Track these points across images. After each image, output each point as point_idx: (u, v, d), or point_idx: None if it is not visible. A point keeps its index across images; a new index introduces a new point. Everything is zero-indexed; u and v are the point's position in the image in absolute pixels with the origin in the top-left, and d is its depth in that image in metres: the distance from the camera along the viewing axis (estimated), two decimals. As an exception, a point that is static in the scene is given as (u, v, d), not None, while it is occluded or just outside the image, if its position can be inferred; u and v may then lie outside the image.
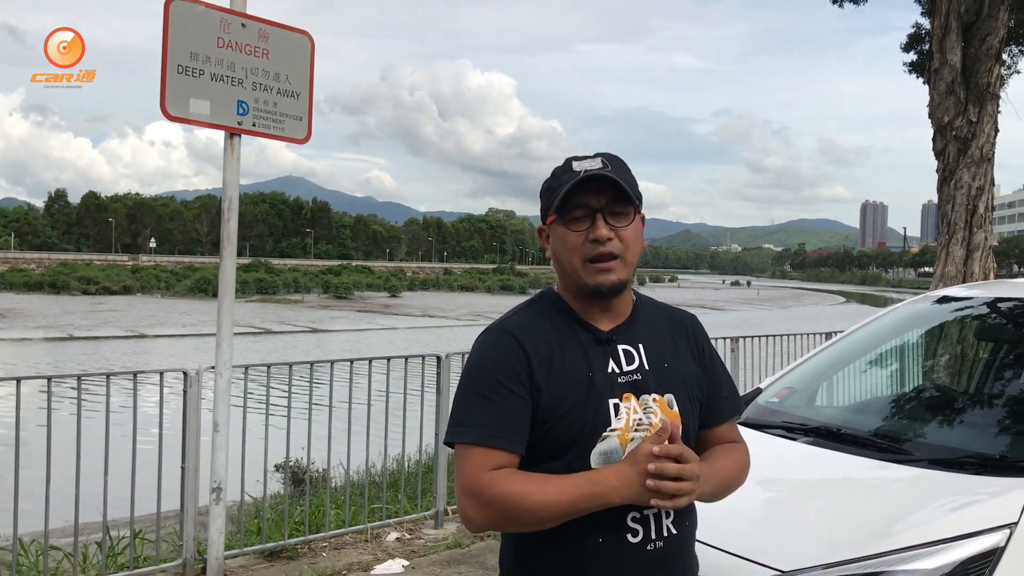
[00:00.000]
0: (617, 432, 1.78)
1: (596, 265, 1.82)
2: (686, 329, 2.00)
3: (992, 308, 4.12)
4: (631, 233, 1.86)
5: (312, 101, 5.37)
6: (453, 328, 53.49)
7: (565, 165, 1.90)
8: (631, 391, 1.83)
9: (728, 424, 2.02)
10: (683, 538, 1.86)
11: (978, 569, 2.26)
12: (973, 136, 8.46)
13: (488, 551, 5.72)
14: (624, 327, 1.90)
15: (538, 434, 1.79)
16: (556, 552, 1.79)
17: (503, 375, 1.81)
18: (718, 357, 2.05)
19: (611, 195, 1.84)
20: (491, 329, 1.92)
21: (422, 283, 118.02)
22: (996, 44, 8.50)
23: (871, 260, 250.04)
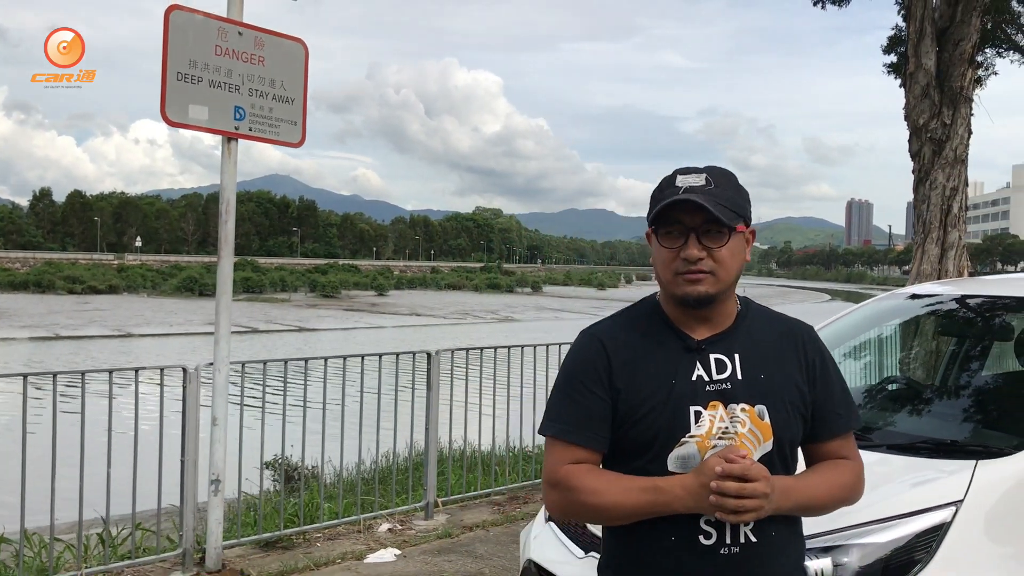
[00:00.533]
0: (696, 438, 1.81)
1: (685, 276, 1.85)
2: (797, 341, 1.97)
3: (959, 304, 4.35)
4: (726, 253, 1.86)
5: (306, 106, 5.56)
6: (441, 327, 53.64)
7: (671, 177, 1.92)
8: (719, 399, 1.84)
9: (839, 440, 1.97)
10: (766, 547, 1.84)
11: (927, 541, 2.48)
12: (947, 138, 8.71)
13: (477, 541, 5.93)
14: (720, 336, 1.91)
15: (618, 434, 1.88)
16: (633, 546, 1.88)
17: (585, 376, 1.90)
18: (835, 372, 2.01)
19: (706, 215, 1.84)
20: (583, 332, 2.01)
21: (409, 282, 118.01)
22: (969, 49, 8.76)
23: (856, 258, 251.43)
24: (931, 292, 4.56)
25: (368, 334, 46.77)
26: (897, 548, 2.47)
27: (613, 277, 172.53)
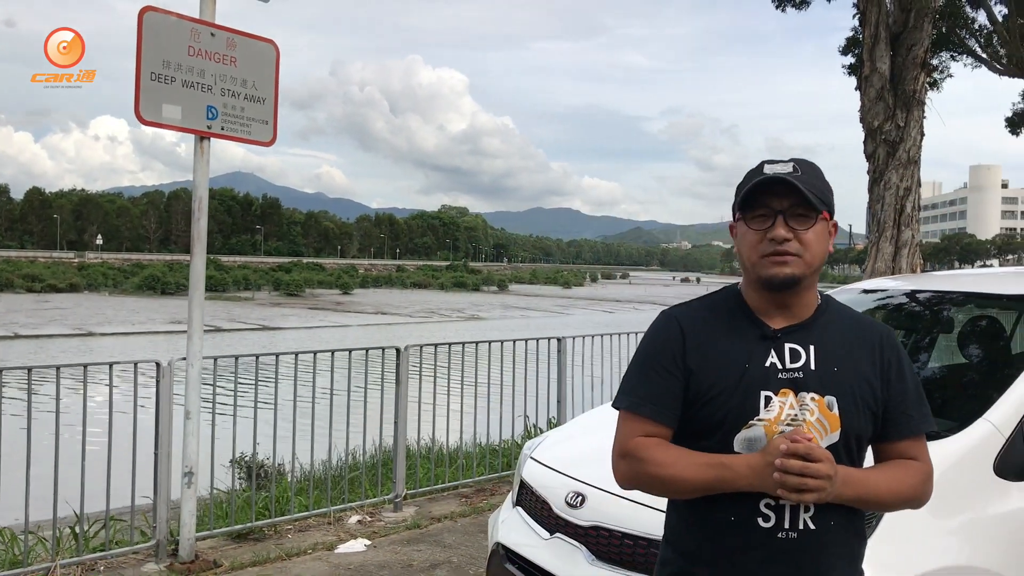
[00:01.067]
0: (764, 422, 1.85)
1: (772, 258, 1.89)
2: (874, 340, 2.00)
3: (909, 298, 4.57)
4: (812, 236, 1.90)
5: (277, 106, 5.66)
6: (407, 325, 53.58)
7: (758, 167, 1.97)
8: (790, 387, 1.88)
9: (909, 441, 1.99)
10: (824, 536, 1.87)
11: (870, 516, 2.66)
12: (901, 140, 8.99)
13: (445, 531, 6.07)
14: (798, 327, 1.95)
15: (689, 413, 1.93)
16: (695, 523, 1.94)
17: (660, 354, 1.97)
18: (911, 375, 2.02)
19: (794, 199, 1.89)
20: (663, 312, 2.08)
21: (374, 280, 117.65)
22: (921, 54, 9.04)
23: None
24: (882, 287, 4.78)
25: (333, 332, 46.61)
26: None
27: (579, 276, 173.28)
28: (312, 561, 5.41)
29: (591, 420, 4.23)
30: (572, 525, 3.15)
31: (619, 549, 2.97)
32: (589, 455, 3.60)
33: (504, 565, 3.42)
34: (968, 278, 5.22)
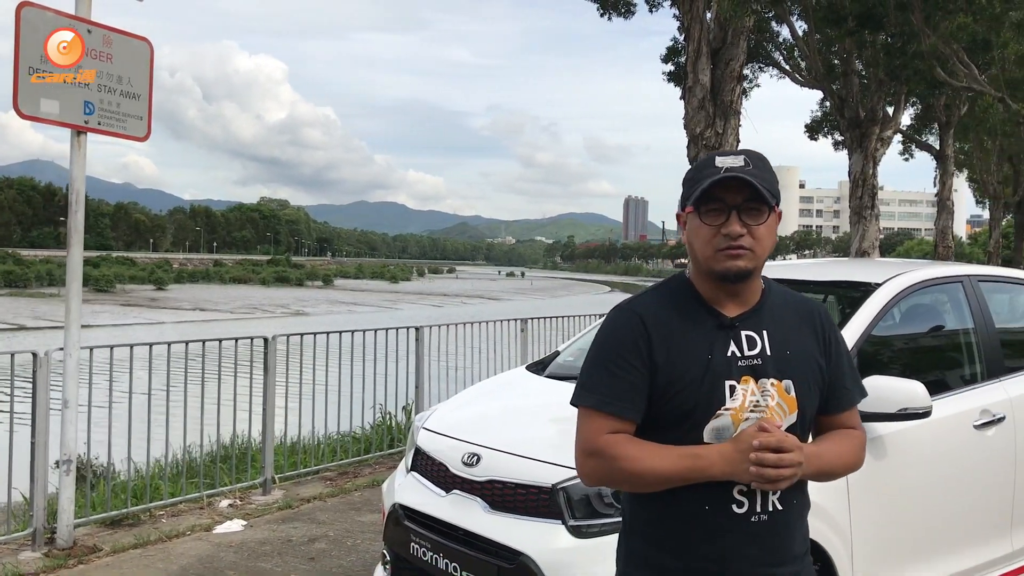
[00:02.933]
0: (731, 411, 1.90)
1: (726, 252, 1.92)
2: (814, 318, 2.07)
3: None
4: (764, 231, 1.94)
5: (152, 102, 5.81)
6: (226, 322, 52.15)
7: (708, 160, 1.99)
8: (750, 374, 1.94)
9: (848, 413, 2.09)
10: (789, 515, 1.96)
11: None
12: (720, 146, 9.99)
13: (317, 510, 6.40)
14: (750, 314, 1.99)
15: (656, 407, 1.95)
16: (666, 513, 1.96)
17: (625, 350, 1.97)
18: (844, 348, 2.10)
19: (747, 194, 1.91)
20: (620, 307, 2.08)
21: (191, 275, 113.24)
22: (737, 68, 10.09)
23: (634, 252, 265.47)
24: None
25: (149, 330, 44.81)
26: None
27: (406, 270, 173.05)
28: (193, 541, 5.62)
29: (473, 394, 4.72)
30: (469, 481, 3.63)
31: (512, 498, 3.47)
32: (479, 422, 4.11)
33: (403, 523, 3.86)
34: (782, 267, 6.09)
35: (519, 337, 9.32)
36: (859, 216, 17.03)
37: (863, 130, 16.63)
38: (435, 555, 3.63)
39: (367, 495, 6.82)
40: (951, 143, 21.15)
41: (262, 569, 5.16)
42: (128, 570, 5.09)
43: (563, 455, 3.46)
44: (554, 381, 4.38)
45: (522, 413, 4.24)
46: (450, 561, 3.55)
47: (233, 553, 5.41)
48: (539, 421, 4.09)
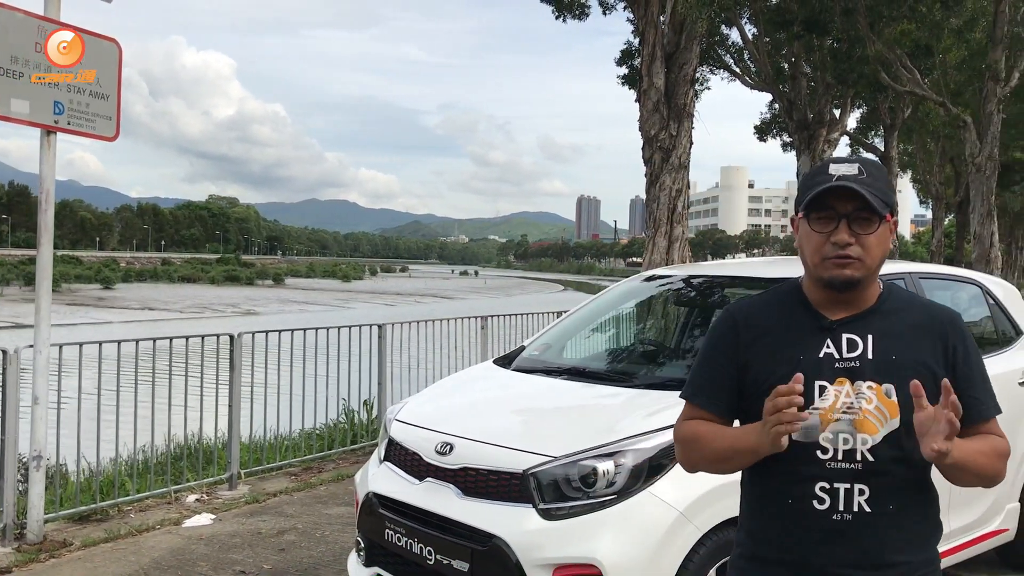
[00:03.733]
0: (820, 411, 1.90)
1: (834, 261, 1.92)
2: (938, 328, 2.01)
3: (686, 283, 5.56)
4: (874, 240, 1.93)
5: (120, 102, 5.88)
6: (176, 322, 51.53)
7: (823, 166, 1.99)
8: (847, 376, 1.92)
9: (981, 425, 1.97)
10: (880, 520, 1.90)
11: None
12: (673, 147, 10.28)
13: (284, 504, 6.52)
14: (856, 318, 1.98)
15: (747, 404, 2.01)
16: (759, 507, 2.04)
17: (716, 348, 2.09)
18: (976, 361, 2.01)
19: (858, 203, 1.90)
20: (725, 308, 2.18)
21: (139, 274, 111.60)
22: (691, 72, 10.37)
23: (586, 251, 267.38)
24: (665, 274, 5.75)
25: (97, 329, 44.11)
26: (656, 453, 3.48)
27: (358, 269, 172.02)
28: (163, 535, 5.71)
29: (443, 387, 4.90)
30: (442, 469, 3.80)
31: (485, 484, 3.65)
32: (451, 413, 4.28)
33: (378, 511, 4.01)
34: (732, 266, 6.36)
35: (479, 334, 9.49)
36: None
37: (811, 132, 17.11)
38: (410, 540, 3.80)
39: (332, 489, 6.95)
40: (895, 145, 21.78)
41: (233, 560, 5.27)
42: (100, 563, 5.17)
43: (533, 443, 3.67)
44: (520, 374, 4.57)
45: (492, 404, 4.43)
46: (425, 546, 3.72)
47: (204, 546, 5.51)
48: (508, 411, 4.28)
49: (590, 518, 3.41)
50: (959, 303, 5.31)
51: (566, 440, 3.62)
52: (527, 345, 5.08)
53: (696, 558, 3.41)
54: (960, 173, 27.56)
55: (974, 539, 4.70)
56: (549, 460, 3.53)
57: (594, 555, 3.32)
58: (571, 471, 3.50)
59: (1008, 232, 34.45)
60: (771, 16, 13.93)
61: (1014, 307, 5.44)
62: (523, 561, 3.39)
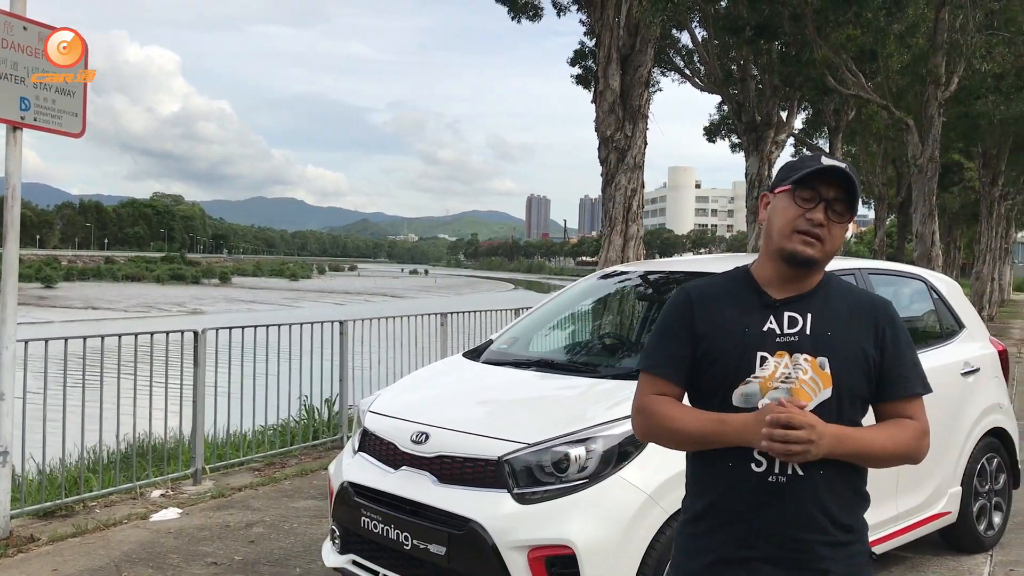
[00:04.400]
0: (760, 379, 2.06)
1: (803, 235, 2.10)
2: (870, 311, 2.20)
3: (643, 279, 5.75)
4: (839, 231, 2.13)
5: (86, 98, 5.89)
6: (121, 321, 50.67)
7: (815, 156, 2.20)
8: (786, 350, 2.09)
9: (904, 402, 2.16)
10: (812, 483, 2.05)
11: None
12: (629, 148, 10.48)
13: (250, 498, 6.58)
14: (798, 298, 2.16)
15: (698, 373, 2.17)
16: (703, 471, 2.19)
17: (673, 323, 2.23)
18: (907, 344, 2.20)
19: (840, 193, 2.11)
20: (680, 287, 2.33)
21: (81, 273, 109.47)
22: (645, 74, 10.60)
23: (536, 250, 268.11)
24: (623, 271, 5.93)
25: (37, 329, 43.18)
26: (624, 439, 3.65)
27: (305, 268, 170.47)
28: (131, 529, 5.75)
29: (415, 379, 5.03)
30: (418, 458, 3.92)
31: (460, 471, 3.78)
32: (425, 404, 4.42)
33: (353, 499, 4.13)
34: (685, 262, 6.58)
35: (439, 331, 9.61)
36: (755, 216, 17.87)
37: (759, 133, 17.49)
38: (386, 527, 3.92)
39: (297, 483, 7.02)
40: (840, 147, 22.32)
41: (204, 552, 5.33)
42: (69, 557, 5.20)
43: (506, 430, 3.82)
44: (490, 366, 4.72)
45: (465, 395, 4.57)
46: (401, 531, 3.85)
47: (173, 539, 5.56)
48: (481, 401, 4.43)
49: (563, 501, 3.57)
50: (906, 298, 5.58)
51: (539, 428, 3.77)
52: (495, 339, 5.22)
53: (663, 538, 3.59)
54: (902, 174, 28.35)
55: (920, 521, 4.96)
56: (523, 447, 3.68)
57: (568, 536, 3.48)
58: (544, 457, 3.65)
59: (947, 232, 35.48)
60: (722, 21, 14.24)
61: (957, 302, 5.73)
62: (499, 544, 3.54)
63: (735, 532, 2.11)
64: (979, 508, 5.42)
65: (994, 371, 5.66)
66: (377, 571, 4.03)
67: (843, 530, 2.10)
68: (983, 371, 5.48)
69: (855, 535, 2.14)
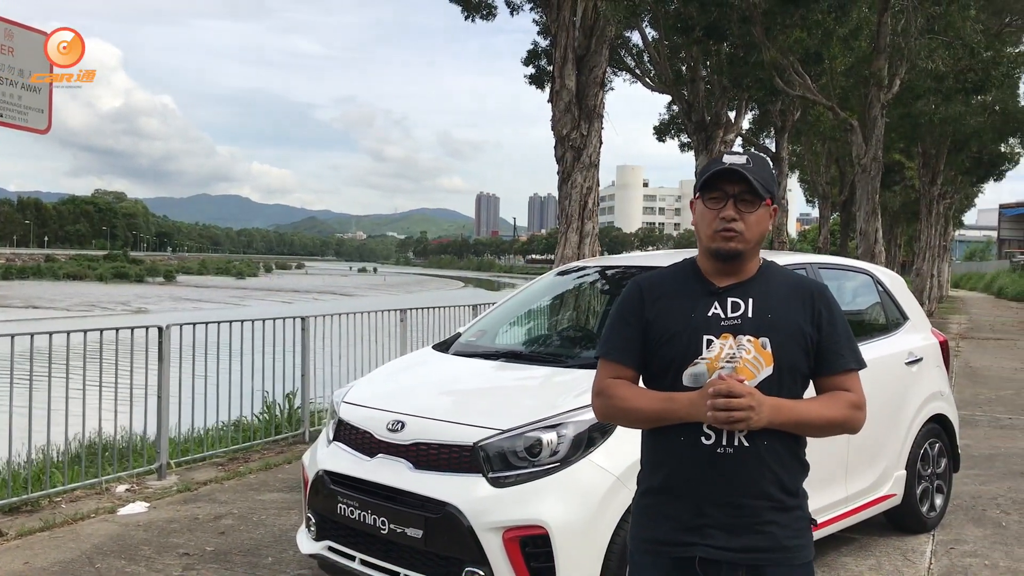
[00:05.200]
0: (707, 360, 2.24)
1: (721, 233, 2.30)
2: (807, 294, 2.38)
3: (601, 274, 5.93)
4: (754, 219, 2.31)
5: (52, 95, 5.90)
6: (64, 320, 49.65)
7: (718, 157, 2.38)
8: (731, 332, 2.27)
9: (842, 376, 2.36)
10: (757, 453, 2.24)
11: (611, 418, 3.85)
12: (584, 147, 10.69)
13: (216, 492, 6.64)
14: (739, 285, 2.35)
15: (649, 356, 2.36)
16: (657, 445, 2.36)
17: (626, 312, 2.42)
18: (841, 323, 2.39)
19: (744, 186, 2.29)
20: (630, 280, 2.52)
21: (20, 271, 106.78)
22: (600, 74, 10.81)
23: (486, 247, 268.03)
24: (584, 266, 6.11)
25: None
26: (593, 425, 3.82)
27: (252, 266, 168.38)
28: (100, 523, 5.79)
29: (388, 371, 5.15)
30: (394, 445, 4.06)
31: (436, 457, 3.92)
32: (399, 394, 4.55)
33: (330, 487, 4.24)
34: (639, 257, 6.79)
35: (399, 327, 9.71)
36: (704, 213, 18.24)
37: (708, 133, 17.85)
38: (363, 512, 4.05)
39: (262, 477, 7.09)
40: (786, 146, 22.84)
41: (175, 544, 5.40)
42: (40, 551, 5.23)
43: (481, 418, 3.98)
44: (461, 358, 4.87)
45: (438, 385, 4.71)
46: (378, 516, 3.98)
47: (143, 532, 5.62)
48: (454, 391, 4.58)
49: (536, 484, 3.74)
50: (853, 291, 5.86)
51: (512, 415, 3.93)
52: (463, 332, 5.38)
53: (630, 518, 3.77)
54: (845, 173, 29.03)
55: (868, 503, 5.23)
56: (497, 433, 3.84)
57: (541, 517, 3.65)
58: (517, 443, 3.82)
59: (888, 230, 36.40)
60: (673, 22, 14.53)
61: (901, 295, 6.02)
62: (475, 525, 3.70)
63: (689, 501, 2.29)
64: (922, 491, 5.71)
65: (936, 361, 5.96)
66: (354, 556, 4.16)
67: (788, 494, 2.30)
68: (926, 360, 5.77)
69: (798, 500, 2.34)
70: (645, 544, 2.39)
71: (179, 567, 5.03)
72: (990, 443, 8.46)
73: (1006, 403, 11.06)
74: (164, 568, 5.00)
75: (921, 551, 5.42)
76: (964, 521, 6.03)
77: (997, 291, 46.09)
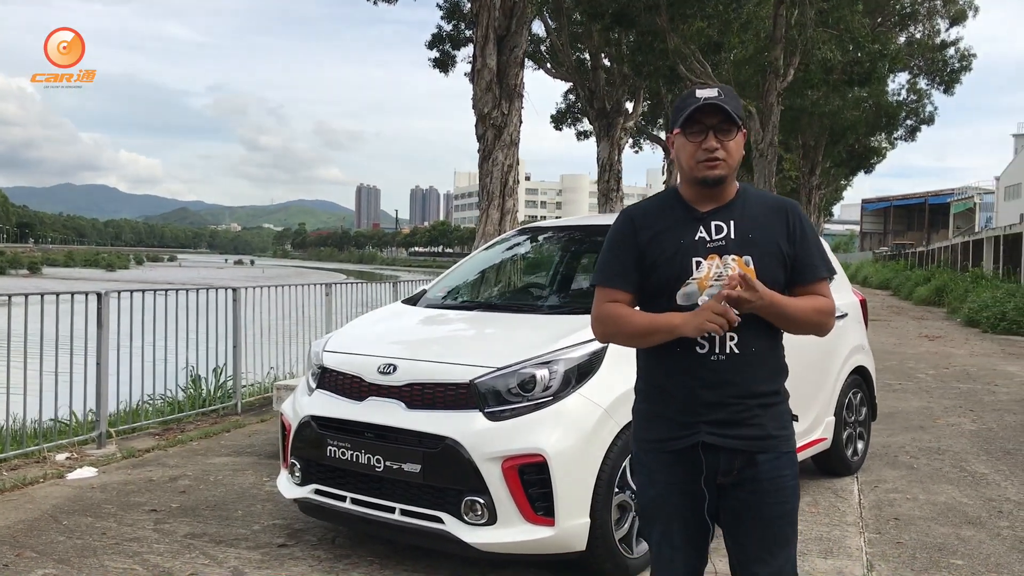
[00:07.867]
0: (697, 280, 2.43)
1: (705, 163, 2.48)
2: (783, 211, 2.59)
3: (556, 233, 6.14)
4: (733, 145, 2.49)
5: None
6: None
7: (691, 92, 2.54)
8: (716, 253, 2.46)
9: (815, 285, 2.57)
10: (745, 358, 2.48)
11: (598, 355, 4.11)
12: (505, 125, 10.93)
13: (163, 457, 6.59)
14: (720, 209, 2.54)
15: (644, 279, 2.54)
16: (654, 358, 2.57)
17: (619, 239, 2.61)
18: (813, 236, 2.60)
19: (721, 117, 2.46)
20: (622, 211, 2.69)
21: None
22: (521, 54, 11.07)
23: (368, 240, 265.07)
24: (541, 227, 6.31)
25: None
26: (582, 361, 4.08)
27: (123, 258, 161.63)
28: (50, 487, 5.69)
29: (366, 322, 5.26)
30: (387, 388, 4.19)
31: (432, 396, 4.09)
32: (384, 340, 4.70)
33: (317, 431, 4.35)
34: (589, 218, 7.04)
35: (324, 300, 9.74)
36: (606, 198, 18.79)
37: (609, 120, 18.39)
38: (355, 452, 4.18)
39: (206, 444, 7.06)
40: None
41: (138, 503, 5.37)
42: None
43: (474, 357, 4.18)
44: (437, 309, 5.05)
45: (422, 332, 4.87)
46: (372, 455, 4.12)
47: (100, 493, 5.56)
48: (441, 336, 4.77)
49: (532, 416, 3.96)
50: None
51: (505, 354, 4.14)
52: (429, 289, 5.54)
53: (616, 448, 4.05)
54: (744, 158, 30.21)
55: (804, 445, 5.63)
56: (493, 370, 4.04)
57: (538, 445, 3.88)
58: (511, 379, 4.03)
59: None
60: (585, 6, 14.93)
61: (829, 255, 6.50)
62: (474, 456, 3.89)
63: (686, 403, 2.51)
64: (847, 436, 6.20)
65: (857, 316, 6.47)
66: (344, 496, 4.28)
67: (773, 394, 2.56)
68: (850, 316, 6.26)
69: (780, 397, 2.60)
70: (647, 444, 2.62)
71: (150, 521, 5.03)
72: (887, 404, 9.14)
73: (893, 371, 11.91)
74: (135, 522, 4.99)
75: (850, 490, 5.90)
76: (881, 465, 6.57)
77: (863, 280, 48.74)
